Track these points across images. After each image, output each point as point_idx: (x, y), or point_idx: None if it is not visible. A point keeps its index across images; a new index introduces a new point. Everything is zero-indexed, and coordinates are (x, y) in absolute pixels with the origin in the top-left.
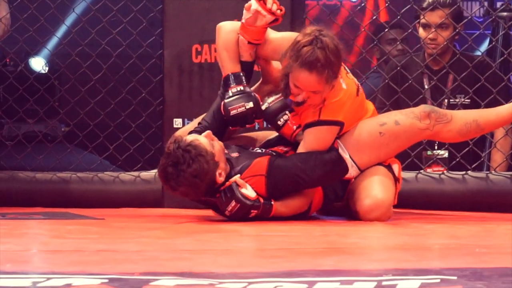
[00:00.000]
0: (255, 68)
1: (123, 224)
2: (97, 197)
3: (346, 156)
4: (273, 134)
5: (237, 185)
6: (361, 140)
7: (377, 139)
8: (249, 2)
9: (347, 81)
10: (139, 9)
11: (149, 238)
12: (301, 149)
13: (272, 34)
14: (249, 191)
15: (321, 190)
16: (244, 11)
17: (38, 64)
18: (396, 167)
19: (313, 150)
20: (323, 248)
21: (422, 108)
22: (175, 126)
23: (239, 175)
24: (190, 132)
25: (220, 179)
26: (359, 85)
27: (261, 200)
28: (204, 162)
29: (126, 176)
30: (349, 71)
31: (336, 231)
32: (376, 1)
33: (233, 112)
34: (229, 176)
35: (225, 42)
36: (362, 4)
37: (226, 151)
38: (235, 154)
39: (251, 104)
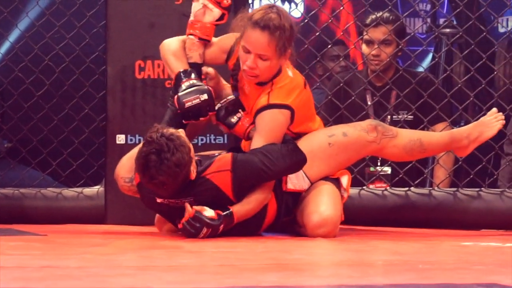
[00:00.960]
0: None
1: (66, 240)
2: (40, 213)
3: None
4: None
5: (199, 211)
6: (311, 151)
7: (327, 149)
8: None
9: (293, 71)
10: (82, 25)
11: (92, 254)
12: (256, 137)
13: (216, 39)
14: (210, 212)
15: (274, 204)
16: (193, 4)
17: None
18: (345, 179)
19: (269, 138)
20: (266, 264)
21: (369, 121)
22: (118, 142)
23: (188, 203)
24: None
25: (193, 175)
26: (305, 80)
27: (221, 213)
28: (185, 153)
29: (69, 192)
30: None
31: (279, 247)
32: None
33: (188, 104)
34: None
35: (171, 50)
36: (306, 21)
37: None
38: (195, 158)
39: (205, 96)
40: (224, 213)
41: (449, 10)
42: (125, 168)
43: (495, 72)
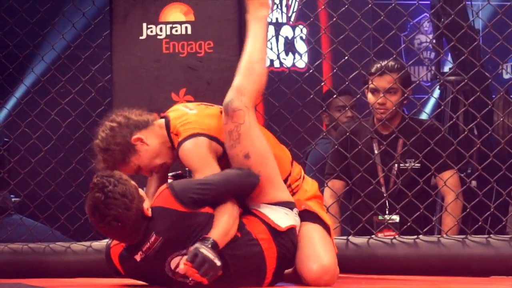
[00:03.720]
0: None
1: None
2: (49, 268)
3: (267, 210)
4: None
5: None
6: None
7: (247, 161)
8: None
9: (198, 108)
10: (88, 79)
11: None
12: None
13: None
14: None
15: (274, 250)
16: None
17: None
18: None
19: (200, 169)
20: None
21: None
22: None
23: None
24: None
25: (148, 212)
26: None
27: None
28: (129, 186)
29: (77, 246)
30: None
31: None
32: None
33: None
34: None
35: None
36: (310, 71)
37: None
38: None
39: None
40: (208, 243)
41: (451, 58)
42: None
43: (501, 119)
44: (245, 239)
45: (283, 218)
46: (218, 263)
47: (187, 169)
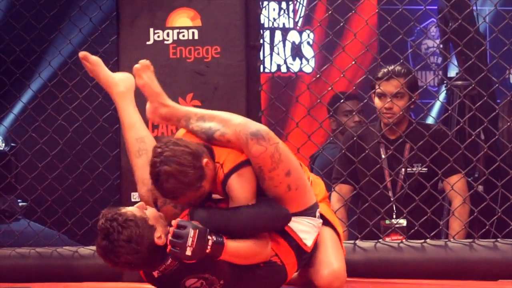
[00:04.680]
0: None
1: None
2: (56, 272)
3: (295, 225)
4: None
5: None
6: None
7: (288, 179)
8: None
9: None
10: (95, 84)
11: None
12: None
13: None
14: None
15: (296, 267)
16: None
17: None
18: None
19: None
20: None
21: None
22: (133, 200)
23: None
24: None
25: (160, 240)
26: None
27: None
28: (134, 226)
29: (85, 250)
30: None
31: None
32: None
33: None
34: None
35: None
36: (318, 76)
37: None
38: None
39: None
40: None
41: (458, 63)
42: None
43: (508, 123)
44: (270, 265)
45: (309, 232)
46: (189, 253)
47: None
